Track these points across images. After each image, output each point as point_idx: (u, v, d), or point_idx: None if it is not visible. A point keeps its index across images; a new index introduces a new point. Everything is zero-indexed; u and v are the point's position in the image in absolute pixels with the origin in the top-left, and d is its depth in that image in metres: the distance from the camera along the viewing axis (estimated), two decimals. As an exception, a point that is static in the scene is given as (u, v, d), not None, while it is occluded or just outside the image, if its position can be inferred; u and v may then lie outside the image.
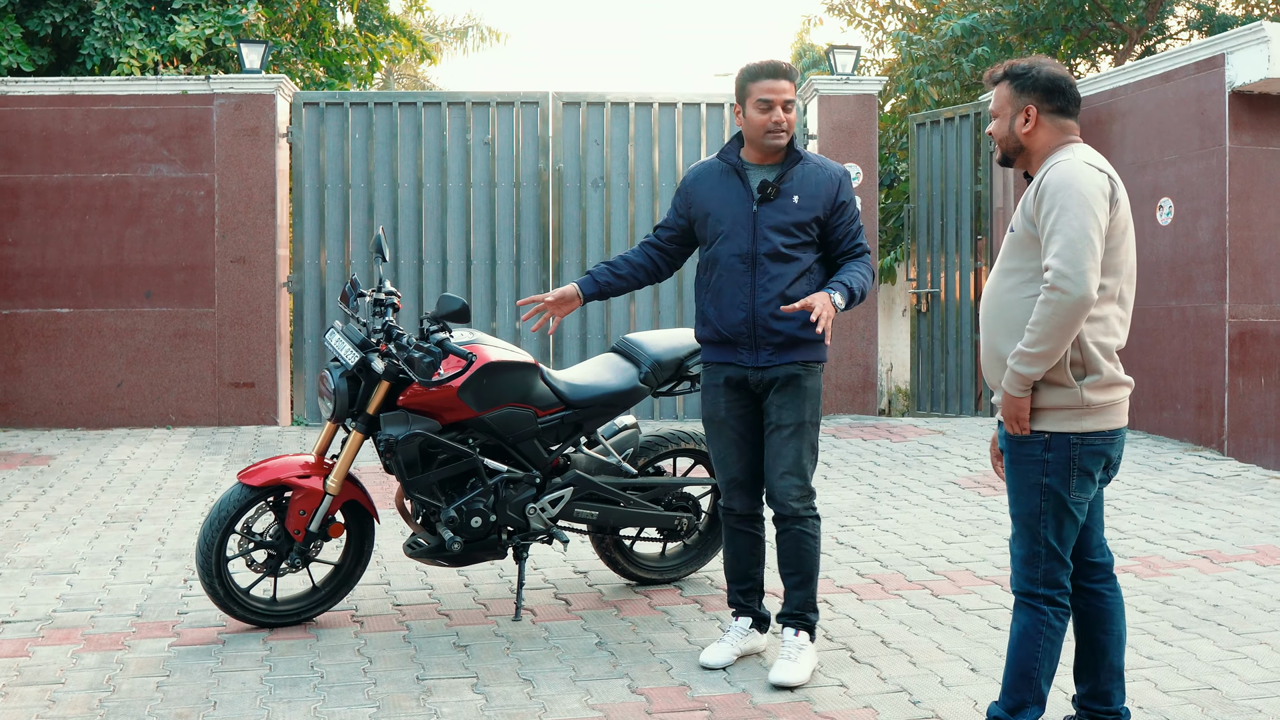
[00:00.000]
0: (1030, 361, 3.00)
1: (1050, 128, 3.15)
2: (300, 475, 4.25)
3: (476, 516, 4.29)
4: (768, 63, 3.90)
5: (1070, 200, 2.97)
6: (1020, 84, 3.16)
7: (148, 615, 4.53)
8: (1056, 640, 3.14)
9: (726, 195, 3.94)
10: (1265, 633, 4.33)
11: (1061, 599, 3.14)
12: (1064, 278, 2.93)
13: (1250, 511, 6.31)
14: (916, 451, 7.98)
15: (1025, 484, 3.12)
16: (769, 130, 3.86)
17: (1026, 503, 3.13)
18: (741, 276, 3.87)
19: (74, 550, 5.49)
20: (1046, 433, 3.08)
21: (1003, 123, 3.20)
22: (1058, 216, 2.97)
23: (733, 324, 3.89)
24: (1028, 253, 3.09)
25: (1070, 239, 2.95)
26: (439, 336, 4.11)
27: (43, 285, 8.86)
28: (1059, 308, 2.94)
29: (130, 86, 8.98)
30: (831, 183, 3.92)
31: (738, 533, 4.05)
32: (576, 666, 3.97)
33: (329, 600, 4.44)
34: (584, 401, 4.50)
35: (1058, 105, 3.15)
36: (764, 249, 3.85)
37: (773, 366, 3.88)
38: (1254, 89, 7.76)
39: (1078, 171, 3.02)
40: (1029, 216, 3.08)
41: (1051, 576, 3.13)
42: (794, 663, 3.83)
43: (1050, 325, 2.95)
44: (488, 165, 9.33)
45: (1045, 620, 3.13)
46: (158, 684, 3.82)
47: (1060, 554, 3.12)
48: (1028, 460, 3.11)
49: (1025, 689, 3.14)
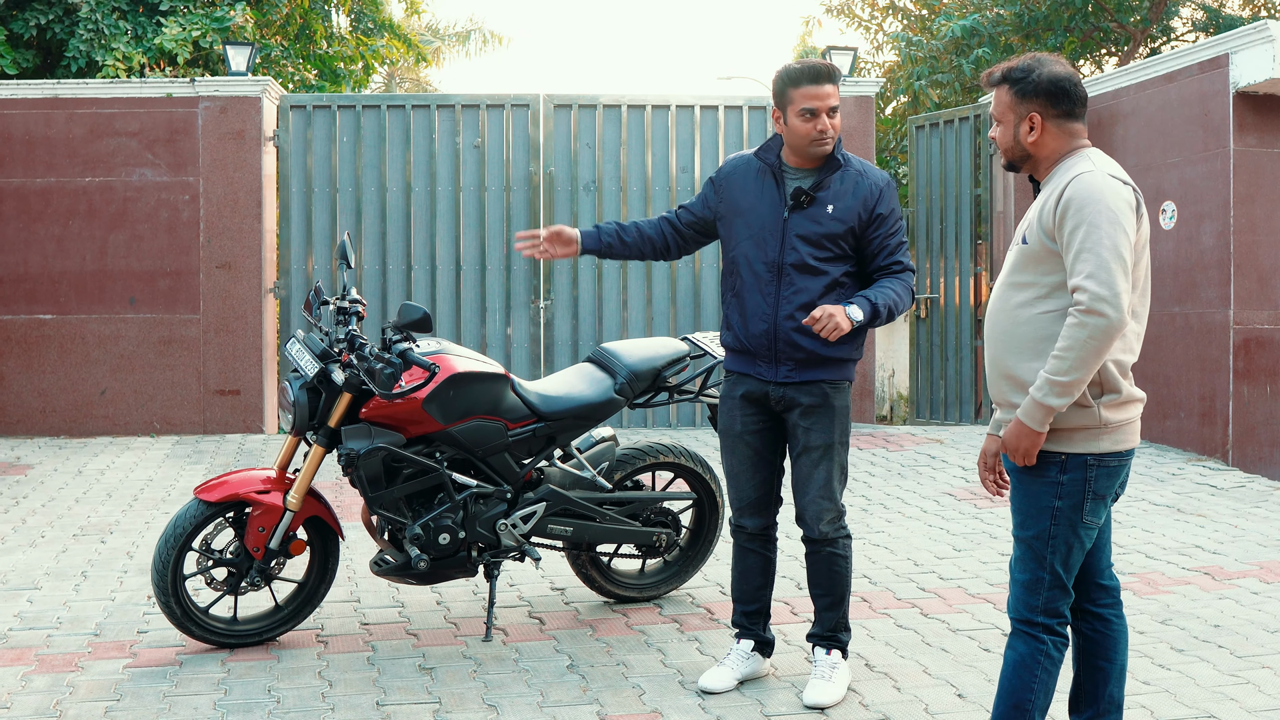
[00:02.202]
0: (1061, 392, 2.78)
1: (1057, 133, 2.94)
2: (260, 490, 4.09)
3: (444, 533, 4.13)
4: (809, 66, 3.64)
5: (1100, 216, 2.77)
6: (1022, 89, 2.94)
7: (106, 634, 4.37)
8: (1054, 671, 2.96)
9: (759, 197, 3.72)
10: (1268, 655, 4.15)
11: (1061, 628, 2.95)
12: (1101, 300, 2.73)
13: (1254, 524, 6.12)
14: (913, 461, 7.79)
15: (1035, 507, 2.91)
16: (814, 140, 3.62)
17: (1034, 526, 2.92)
18: (766, 286, 3.66)
19: (39, 565, 5.33)
20: (1062, 454, 2.88)
21: (1006, 130, 2.99)
22: (1086, 233, 2.77)
23: (754, 335, 3.69)
24: (1042, 267, 2.89)
25: (1103, 259, 2.74)
26: (401, 346, 3.94)
27: (25, 291, 8.71)
28: (1095, 332, 2.74)
29: (114, 89, 8.84)
30: (871, 193, 3.67)
31: (748, 551, 3.88)
32: (545, 691, 3.80)
33: (292, 619, 4.27)
34: (557, 413, 4.33)
35: (1064, 109, 2.93)
36: (791, 259, 3.64)
37: (792, 384, 3.67)
38: (1259, 90, 7.57)
39: (1104, 185, 2.81)
40: (1046, 230, 2.86)
41: (1053, 605, 2.93)
42: (829, 682, 3.69)
43: (1085, 351, 2.75)
44: (478, 169, 9.17)
45: (1044, 650, 2.93)
46: (106, 709, 3.66)
47: (1064, 581, 2.93)
48: (1040, 482, 2.90)
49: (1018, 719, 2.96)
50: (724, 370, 3.89)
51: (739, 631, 3.92)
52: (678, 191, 9.24)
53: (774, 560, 3.91)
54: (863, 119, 9.31)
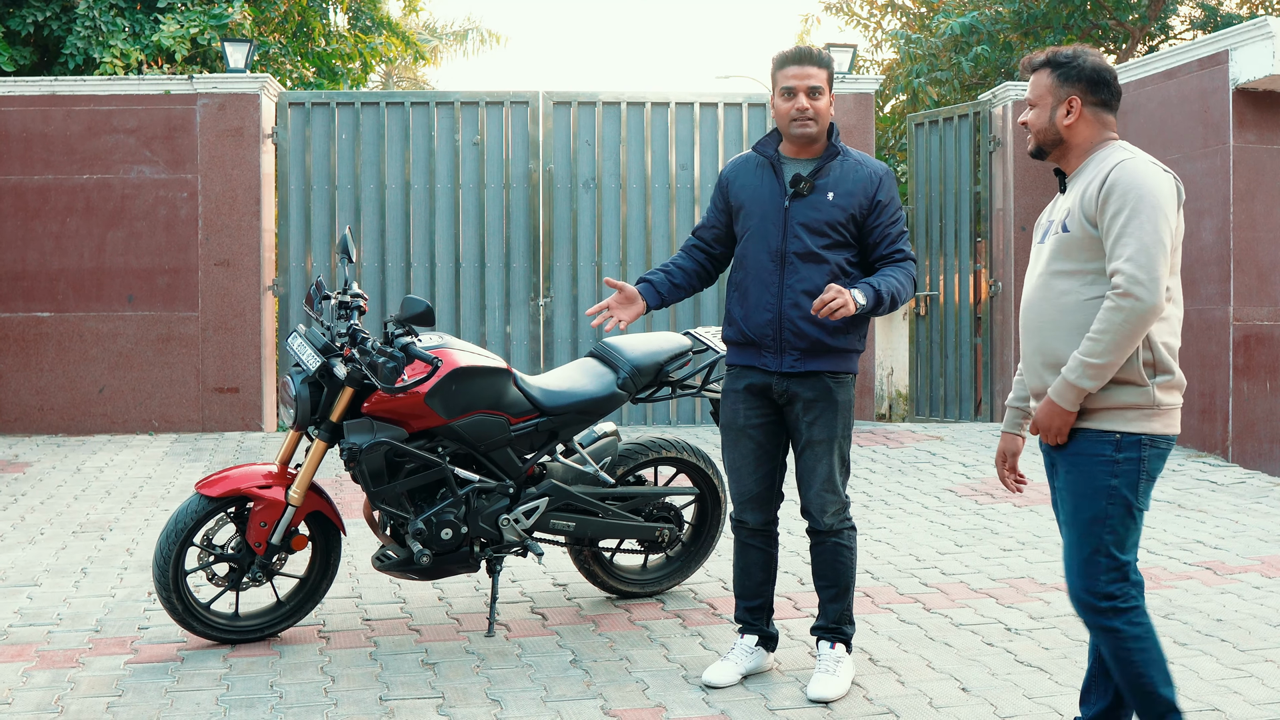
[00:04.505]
0: (1094, 373, 2.81)
1: (1092, 121, 2.98)
2: (261, 485, 4.08)
3: (446, 528, 4.11)
4: (795, 48, 3.70)
5: (1142, 202, 2.80)
6: (1064, 73, 2.98)
7: (107, 630, 4.36)
8: (1148, 642, 2.92)
9: (759, 189, 3.73)
10: (1270, 649, 4.14)
11: (1125, 604, 2.92)
12: (1138, 284, 2.76)
13: (1255, 520, 6.12)
14: (913, 458, 7.79)
15: (1091, 487, 2.90)
16: (793, 119, 3.64)
17: (1089, 507, 2.91)
18: (770, 275, 3.66)
19: (38, 561, 5.32)
20: (1117, 433, 2.88)
21: (1042, 112, 3.01)
22: (1129, 218, 2.80)
23: (758, 325, 3.68)
24: (1085, 254, 2.90)
25: (1144, 243, 2.77)
26: (403, 341, 3.93)
27: (23, 289, 8.69)
28: (1130, 315, 2.77)
29: (112, 86, 8.81)
30: (870, 180, 3.68)
31: (749, 547, 3.87)
32: (548, 686, 3.79)
33: (294, 615, 4.26)
34: (559, 408, 4.32)
35: (1102, 98, 2.98)
36: (794, 247, 3.64)
37: (796, 375, 3.66)
38: (1258, 86, 7.57)
39: (1147, 171, 2.85)
40: (1089, 216, 2.88)
41: (1111, 586, 2.91)
42: (833, 676, 3.69)
43: (1119, 334, 2.77)
44: (477, 166, 9.16)
45: (1123, 634, 2.91)
46: (108, 704, 3.64)
47: (1120, 562, 2.91)
48: (1095, 461, 2.89)
49: (1153, 704, 2.94)
50: (726, 364, 3.87)
51: (742, 627, 3.91)
52: (677, 189, 9.23)
53: (776, 555, 3.90)
54: (862, 116, 9.30)
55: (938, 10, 13.92)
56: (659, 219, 9.25)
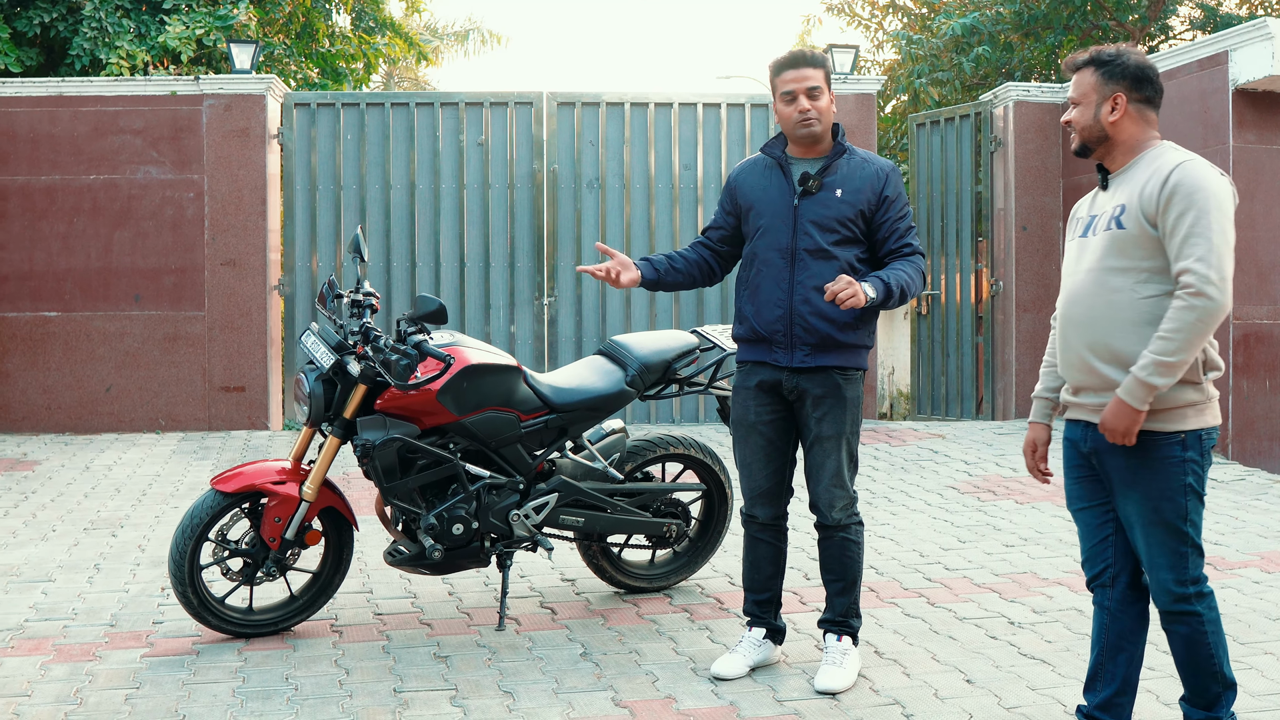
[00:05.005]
0: (1169, 371, 2.87)
1: (1137, 118, 3.06)
2: (275, 481, 4.13)
3: (458, 523, 4.17)
4: (789, 53, 3.78)
5: (1209, 203, 2.88)
6: (1108, 71, 3.05)
7: (121, 625, 4.41)
8: (1219, 625, 3.05)
9: (768, 189, 3.80)
10: (1270, 643, 4.20)
11: (1207, 589, 3.04)
12: (1210, 283, 2.84)
13: (1255, 516, 6.18)
14: (915, 456, 7.85)
15: (1168, 489, 2.98)
16: (797, 122, 3.72)
17: (1171, 509, 2.99)
18: (780, 272, 3.72)
19: (51, 558, 5.37)
20: (1182, 432, 2.97)
21: (1087, 110, 3.08)
22: (1196, 219, 2.87)
23: (769, 321, 3.74)
24: (1141, 251, 2.97)
25: (1214, 244, 2.85)
26: (416, 338, 3.98)
27: (30, 288, 8.75)
28: (1205, 314, 2.84)
29: (119, 87, 8.87)
30: (877, 177, 3.75)
31: (759, 541, 3.93)
32: (559, 678, 3.85)
33: (307, 609, 4.32)
34: (569, 405, 4.37)
35: (1145, 95, 3.06)
36: (804, 244, 3.71)
37: (807, 370, 3.72)
38: (1258, 86, 7.63)
39: (1209, 173, 2.93)
40: (1148, 215, 2.94)
41: (1197, 571, 3.02)
42: (840, 668, 3.75)
43: (1193, 333, 2.85)
44: (481, 166, 9.21)
45: (1202, 619, 3.02)
46: (126, 696, 3.70)
47: (1201, 547, 3.03)
48: (1167, 463, 2.98)
49: (1213, 683, 3.05)
50: (736, 362, 3.93)
51: (751, 620, 3.96)
52: (680, 189, 9.29)
53: (785, 550, 3.95)
54: (864, 117, 9.36)
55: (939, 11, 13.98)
56: (662, 219, 9.31)
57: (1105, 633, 3.16)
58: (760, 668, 3.92)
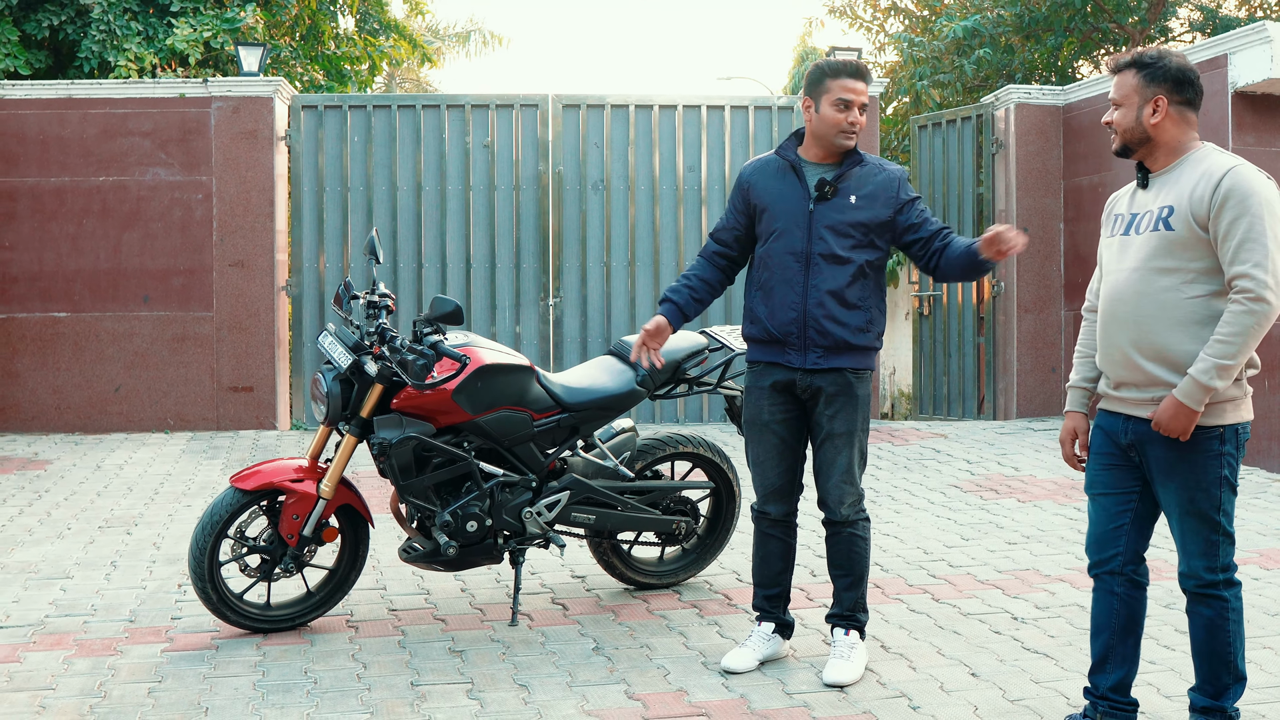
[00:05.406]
0: (1227, 374, 2.98)
1: (1178, 119, 3.13)
2: (294, 479, 4.21)
3: (472, 521, 4.25)
4: (850, 61, 3.85)
5: (1262, 208, 2.97)
6: (1150, 74, 3.13)
7: (140, 620, 4.49)
8: (1241, 616, 3.17)
9: (783, 192, 3.87)
10: (1269, 637, 4.28)
11: (1236, 577, 3.16)
12: (1269, 289, 2.94)
13: (1254, 515, 6.26)
14: (918, 455, 7.93)
15: (1208, 480, 3.10)
16: (843, 130, 3.81)
17: (1208, 499, 3.10)
18: (795, 276, 3.80)
19: (68, 555, 5.45)
20: (1220, 426, 3.08)
21: (1129, 112, 3.16)
22: (1250, 224, 2.96)
23: (783, 323, 3.82)
24: (1190, 253, 3.05)
25: (1269, 249, 2.95)
26: (432, 339, 4.06)
27: (40, 289, 8.83)
28: (1261, 318, 2.95)
29: (127, 89, 8.95)
30: (890, 183, 3.85)
31: (770, 537, 4.01)
32: (573, 672, 3.93)
33: (323, 605, 4.40)
34: (580, 404, 4.45)
35: (1186, 97, 3.13)
36: (819, 249, 3.79)
37: (820, 371, 3.81)
38: (1256, 89, 7.72)
39: (1259, 178, 3.03)
40: (1199, 219, 3.02)
41: (1228, 559, 3.14)
42: (847, 662, 3.83)
43: (1250, 336, 2.95)
44: (487, 168, 9.30)
45: (1228, 605, 3.13)
46: (149, 689, 3.78)
47: (1233, 535, 3.15)
48: (1207, 456, 3.09)
49: (1225, 673, 3.16)
50: (748, 362, 4.01)
51: (760, 614, 4.04)
52: (684, 190, 9.37)
53: (794, 545, 4.04)
54: (867, 119, 9.42)
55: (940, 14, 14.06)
56: (667, 220, 9.39)
57: (1115, 616, 3.27)
58: (769, 662, 4.00)
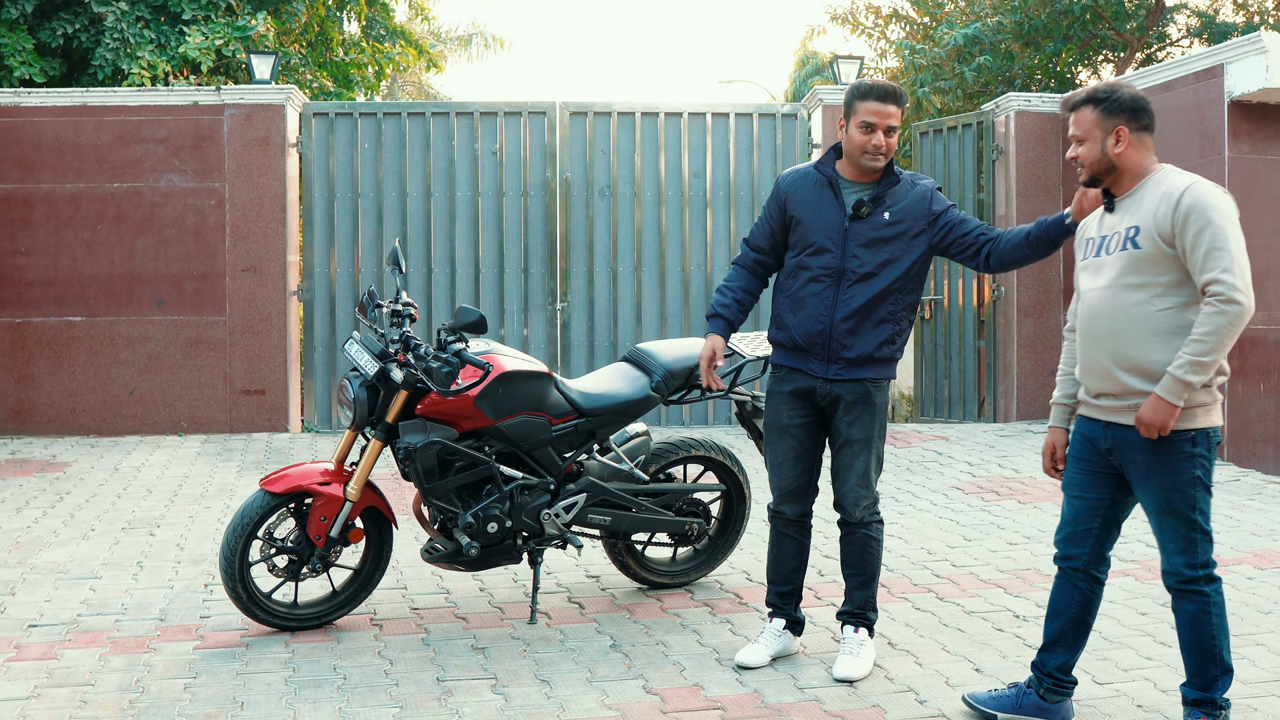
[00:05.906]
0: (1202, 370, 3.16)
1: (1139, 145, 3.34)
2: (321, 482, 4.35)
3: (493, 522, 4.40)
4: (878, 84, 3.91)
5: (1223, 218, 3.19)
6: (1108, 107, 3.33)
7: (171, 619, 4.64)
8: (1224, 611, 3.35)
9: (819, 207, 3.97)
10: (1262, 634, 4.43)
11: (1217, 574, 3.35)
12: (1239, 290, 3.14)
13: (1249, 516, 6.41)
14: (920, 457, 8.08)
15: (1179, 481, 3.28)
16: (866, 152, 3.89)
17: (1184, 499, 3.28)
18: (826, 290, 3.93)
19: (95, 556, 5.60)
20: (1192, 430, 3.26)
21: (1093, 146, 3.35)
22: (1214, 234, 3.17)
23: (810, 334, 3.95)
24: (1158, 268, 3.25)
25: (1234, 254, 3.16)
26: (456, 347, 4.21)
27: (55, 294, 8.97)
28: (1235, 319, 3.14)
29: (141, 97, 9.10)
30: (923, 197, 3.96)
31: (785, 536, 4.16)
32: (592, 668, 4.07)
33: (348, 604, 4.54)
34: (597, 410, 4.60)
35: (1143, 123, 3.35)
36: (851, 265, 3.90)
37: (840, 381, 3.95)
38: (1252, 98, 7.86)
39: (1216, 191, 3.25)
40: (1164, 236, 3.22)
41: (1207, 556, 3.32)
42: (857, 658, 3.99)
43: (1225, 335, 3.14)
44: (495, 174, 9.45)
45: (1209, 599, 3.32)
46: (185, 685, 3.92)
47: (1210, 534, 3.32)
48: (1180, 458, 3.27)
49: (1211, 665, 3.34)
50: (772, 365, 4.15)
51: (772, 611, 4.19)
52: (690, 196, 9.53)
53: (808, 545, 4.19)
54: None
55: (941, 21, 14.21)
56: (672, 225, 9.54)
57: (1074, 606, 3.52)
58: (781, 657, 4.15)
